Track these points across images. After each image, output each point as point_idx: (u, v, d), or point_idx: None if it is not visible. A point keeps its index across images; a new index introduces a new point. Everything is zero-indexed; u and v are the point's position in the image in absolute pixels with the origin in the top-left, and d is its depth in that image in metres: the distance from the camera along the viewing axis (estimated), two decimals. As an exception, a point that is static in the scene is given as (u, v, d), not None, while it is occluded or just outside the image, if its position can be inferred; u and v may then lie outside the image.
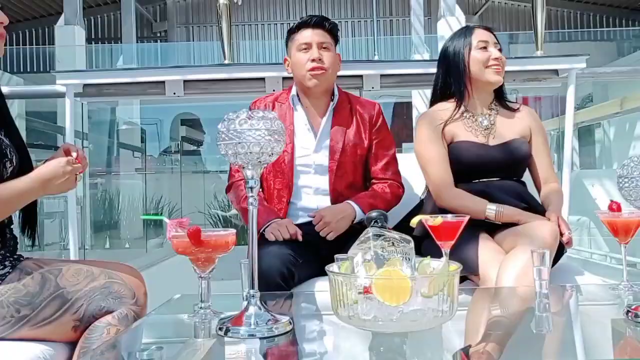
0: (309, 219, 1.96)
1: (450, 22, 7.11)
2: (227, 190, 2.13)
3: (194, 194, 7.91)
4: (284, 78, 2.54)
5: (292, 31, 2.07)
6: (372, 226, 1.16)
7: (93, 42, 11.17)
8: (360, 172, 2.06)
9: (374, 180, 2.07)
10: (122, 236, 7.10)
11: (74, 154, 1.37)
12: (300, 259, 1.81)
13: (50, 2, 11.07)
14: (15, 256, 1.36)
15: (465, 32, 2.02)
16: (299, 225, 1.93)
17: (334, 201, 1.99)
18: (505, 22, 12.86)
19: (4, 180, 1.31)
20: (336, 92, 2.09)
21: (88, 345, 1.26)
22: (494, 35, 2.01)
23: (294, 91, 2.08)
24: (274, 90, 2.57)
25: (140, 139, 8.64)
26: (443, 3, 7.35)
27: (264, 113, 1.08)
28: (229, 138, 1.06)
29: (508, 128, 2.00)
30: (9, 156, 1.34)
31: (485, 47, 1.97)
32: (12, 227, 1.40)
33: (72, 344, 1.30)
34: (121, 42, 10.14)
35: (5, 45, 1.41)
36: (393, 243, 1.11)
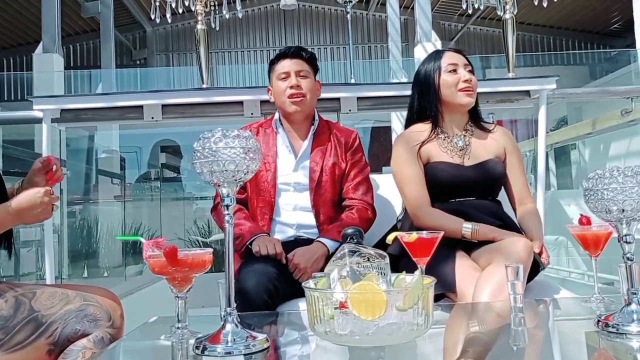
0: (289, 234, 2.06)
1: (427, 47, 7.26)
2: (213, 210, 2.20)
3: (173, 221, 7.86)
4: (262, 102, 2.57)
5: (272, 62, 2.19)
6: (347, 242, 1.18)
7: (70, 71, 11.14)
8: (338, 190, 2.15)
9: (345, 201, 2.14)
10: (101, 264, 6.99)
11: (55, 170, 1.38)
12: (283, 276, 1.86)
13: (29, 31, 11.05)
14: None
15: (435, 55, 2.07)
16: (283, 243, 1.98)
17: (317, 217, 2.08)
18: (480, 48, 13.15)
19: None
20: (317, 117, 2.20)
21: (63, 369, 1.24)
22: (465, 57, 2.06)
23: (277, 116, 2.20)
24: (252, 114, 2.59)
25: (119, 167, 8.59)
26: (419, 29, 7.51)
27: (239, 132, 1.10)
28: (204, 156, 1.08)
29: (483, 148, 2.04)
30: None
31: (454, 70, 2.01)
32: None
33: (47, 369, 1.28)
34: (100, 68, 10.13)
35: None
36: (368, 259, 1.12)
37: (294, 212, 2.09)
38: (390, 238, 1.39)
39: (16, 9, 10.18)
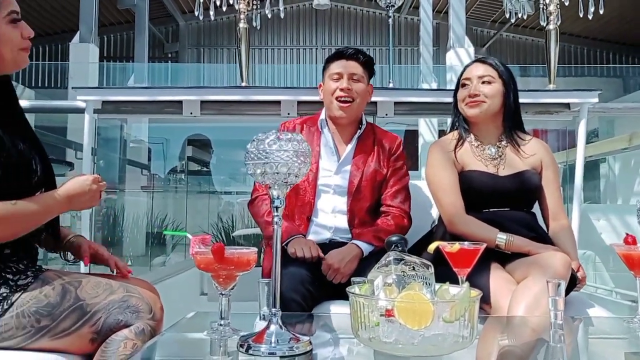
0: (325, 236, 2.05)
1: (460, 53, 7.21)
2: (250, 204, 2.18)
3: (198, 214, 7.93)
4: (299, 102, 2.58)
5: (328, 60, 2.16)
6: (392, 250, 1.18)
7: (105, 60, 11.32)
8: (377, 197, 2.13)
9: (382, 207, 2.13)
10: (125, 253, 7.09)
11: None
12: (317, 280, 1.87)
13: (65, 20, 11.25)
14: (37, 267, 1.38)
15: (465, 68, 2.09)
16: (318, 246, 1.99)
17: (351, 222, 2.07)
18: (513, 55, 13.01)
19: (30, 191, 1.34)
20: (364, 122, 2.19)
21: (105, 358, 1.27)
22: (492, 66, 2.04)
23: (323, 115, 2.18)
24: (288, 114, 2.61)
25: (147, 157, 8.70)
26: (452, 34, 7.46)
27: (292, 135, 1.11)
28: (257, 158, 1.09)
29: (518, 159, 2.03)
30: (34, 167, 1.36)
31: (467, 84, 2.04)
32: (33, 237, 1.42)
33: (89, 356, 1.30)
34: (133, 61, 10.28)
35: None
36: (414, 267, 1.12)
37: (332, 214, 2.08)
38: (431, 247, 1.39)
39: (54, -3, 10.38)
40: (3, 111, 1.40)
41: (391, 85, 2.77)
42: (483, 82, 2.00)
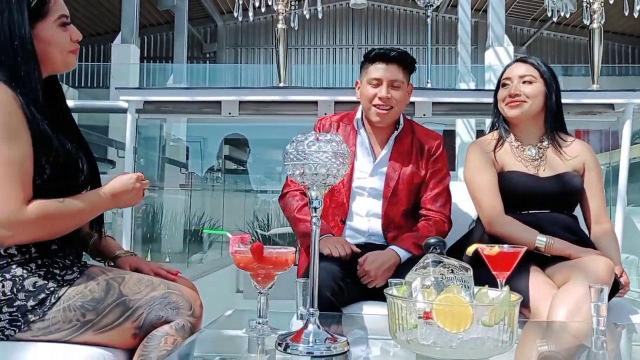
0: (360, 240, 2.01)
1: (499, 52, 7.10)
2: (281, 198, 2.15)
3: (234, 212, 8.02)
4: (336, 102, 2.59)
5: (367, 59, 2.05)
6: (430, 252, 1.18)
7: (145, 60, 11.56)
8: (414, 200, 2.07)
9: (422, 210, 2.07)
10: (163, 249, 7.22)
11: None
12: (349, 277, 1.84)
13: (107, 21, 11.53)
14: (82, 262, 1.42)
15: (506, 68, 2.06)
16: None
17: (385, 226, 2.02)
18: (554, 54, 12.73)
19: (77, 190, 1.38)
20: (401, 122, 2.11)
21: (146, 353, 1.30)
22: (533, 66, 2.00)
23: (359, 114, 2.12)
24: (325, 114, 2.61)
25: (185, 156, 8.85)
26: (491, 33, 7.35)
27: (331, 136, 1.11)
28: (296, 159, 1.10)
29: (560, 161, 1.99)
30: (81, 166, 1.41)
31: (507, 84, 2.00)
32: (79, 234, 1.46)
33: (131, 351, 1.34)
34: (172, 61, 10.47)
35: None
36: (452, 270, 1.12)
37: (366, 218, 2.04)
38: (470, 250, 1.38)
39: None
40: (51, 111, 1.45)
41: (429, 85, 2.75)
42: (524, 82, 1.97)
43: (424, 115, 2.60)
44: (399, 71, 2.01)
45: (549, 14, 2.64)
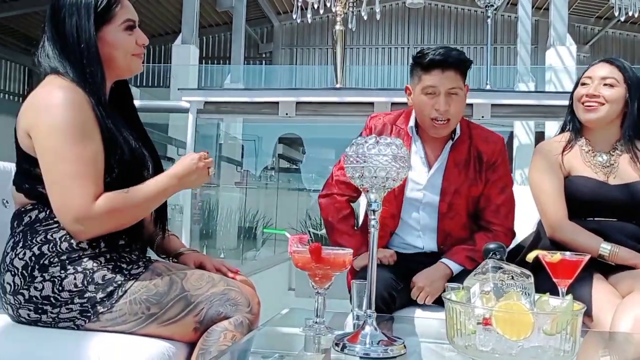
0: (413, 250, 1.96)
1: (560, 51, 6.89)
2: (321, 197, 2.05)
3: (287, 210, 8.11)
4: (393, 103, 2.58)
5: (419, 64, 1.87)
6: (490, 258, 1.16)
7: (204, 60, 11.85)
8: (473, 213, 1.96)
9: (482, 222, 1.97)
10: (218, 246, 7.39)
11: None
12: (401, 284, 1.81)
13: (168, 22, 11.87)
14: (147, 257, 1.48)
15: (589, 67, 1.97)
16: (403, 255, 1.94)
17: (442, 242, 1.93)
18: (619, 53, 12.22)
19: None
20: (457, 130, 1.94)
21: (206, 347, 1.34)
22: (619, 69, 1.91)
23: (413, 121, 1.96)
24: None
25: (240, 154, 9.01)
26: (553, 32, 7.13)
27: (392, 139, 1.12)
28: (356, 161, 1.11)
29: (632, 170, 1.90)
30: (147, 165, 1.46)
31: (587, 84, 1.89)
32: (144, 229, 1.52)
33: (191, 345, 1.38)
34: (230, 61, 10.68)
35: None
36: (512, 277, 1.10)
37: (422, 232, 1.95)
38: (530, 256, 1.35)
39: (158, 1, 10.97)
40: (120, 111, 1.51)
41: (488, 87, 2.70)
42: (605, 85, 1.87)
43: (482, 117, 2.56)
44: (457, 76, 1.84)
45: (616, 13, 2.55)
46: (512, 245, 2.02)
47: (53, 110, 1.32)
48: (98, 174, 1.33)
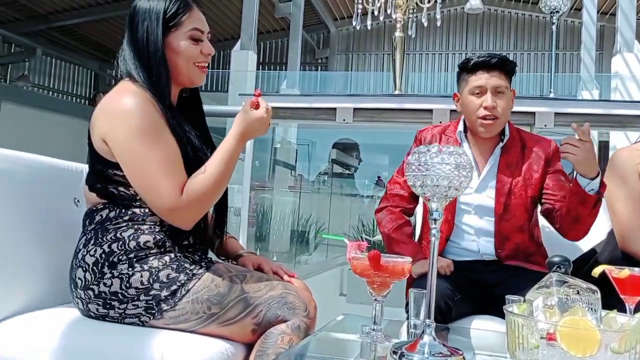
0: (470, 257, 1.94)
1: (628, 58, 6.61)
2: (377, 211, 2.10)
3: (340, 215, 8.12)
4: (452, 111, 2.55)
5: (465, 68, 1.96)
6: (554, 271, 1.14)
7: (261, 66, 12.05)
8: (529, 214, 1.95)
9: (550, 204, 1.92)
10: (271, 248, 7.47)
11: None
12: (459, 295, 1.79)
13: (227, 28, 12.13)
14: (208, 258, 1.52)
15: None
16: (460, 262, 1.92)
17: (498, 245, 1.92)
18: (691, 60, 11.61)
19: None
20: (507, 131, 1.99)
21: (264, 349, 1.36)
22: None
23: (460, 127, 2.03)
24: (440, 122, 2.59)
25: (294, 159, 9.09)
26: (620, 38, 6.85)
27: (454, 148, 1.11)
28: (418, 169, 1.11)
29: None
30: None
31: None
32: (207, 231, 1.56)
33: (249, 346, 1.41)
34: (286, 66, 10.80)
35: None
36: (578, 292, 1.07)
37: (477, 236, 1.94)
38: (596, 271, 1.31)
39: (218, 7, 11.22)
40: (189, 115, 1.57)
41: (552, 95, 2.63)
42: None
43: (545, 126, 2.50)
44: (502, 77, 1.91)
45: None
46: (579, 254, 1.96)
47: (126, 116, 1.38)
48: (179, 166, 1.40)
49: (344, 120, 2.66)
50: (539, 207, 1.99)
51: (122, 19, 11.06)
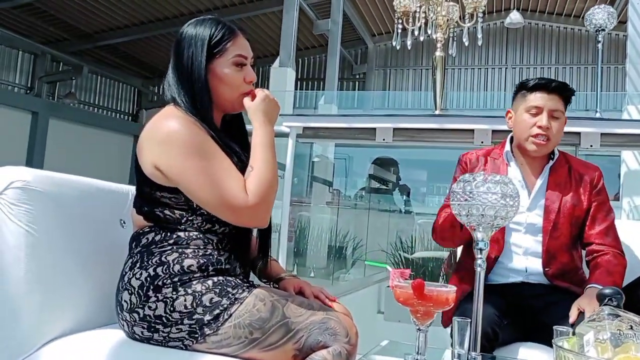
0: (518, 279, 1.91)
1: (677, 73, 6.40)
2: (433, 232, 2.03)
3: (378, 232, 8.06)
4: (494, 131, 2.52)
5: (524, 87, 1.98)
6: (606, 304, 1.10)
7: (299, 82, 12.17)
8: (575, 235, 1.95)
9: (592, 247, 1.92)
10: (308, 264, 7.47)
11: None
12: (505, 321, 1.77)
13: (266, 45, 12.30)
14: (250, 282, 1.53)
15: None
16: (507, 285, 1.89)
17: (546, 263, 1.90)
18: None
19: None
20: (556, 152, 2.01)
21: (305, 375, 1.35)
22: None
23: (507, 147, 2.04)
24: (482, 142, 2.56)
25: (332, 174, 9.10)
26: (668, 52, 6.65)
27: (500, 177, 1.10)
28: (464, 199, 1.09)
29: None
30: None
31: None
32: (249, 254, 1.57)
33: (290, 371, 1.40)
34: (324, 82, 10.88)
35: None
36: (632, 326, 1.03)
37: (524, 256, 1.92)
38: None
39: (258, 25, 11.41)
40: (233, 139, 1.59)
41: (598, 114, 2.56)
42: None
43: (591, 146, 2.44)
44: (560, 101, 1.94)
45: None
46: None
47: (175, 138, 1.40)
48: (235, 170, 1.41)
49: (383, 139, 2.65)
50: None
51: (165, 37, 11.42)
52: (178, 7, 10.46)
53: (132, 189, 1.75)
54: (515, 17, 9.40)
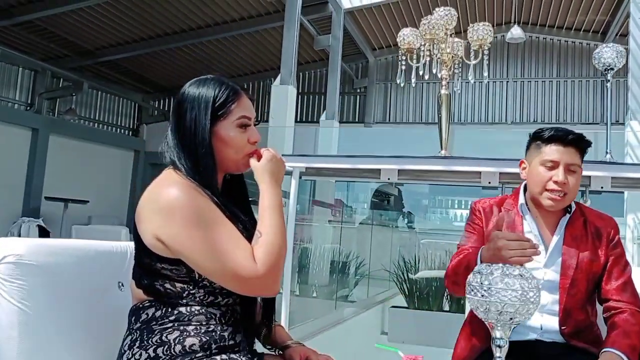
0: (533, 336, 1.85)
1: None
2: (446, 277, 1.92)
3: (380, 249, 7.99)
4: (501, 173, 2.47)
5: (540, 138, 1.89)
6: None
7: (300, 96, 12.14)
8: (592, 290, 1.88)
9: (609, 303, 1.84)
10: (310, 282, 7.39)
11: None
12: None
13: (267, 59, 12.28)
14: (254, 350, 1.46)
15: None
16: (519, 343, 1.80)
17: (563, 321, 1.83)
18: None
19: None
20: (572, 206, 1.93)
21: None
22: None
23: (522, 199, 1.95)
24: (489, 182, 2.50)
25: (333, 192, 9.05)
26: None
27: (520, 270, 1.04)
28: (480, 294, 1.04)
29: None
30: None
31: None
32: (253, 325, 1.51)
33: None
34: (325, 96, 10.85)
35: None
36: None
37: (539, 314, 1.84)
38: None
39: (258, 39, 11.39)
40: (233, 198, 1.53)
41: (608, 158, 2.50)
42: None
43: (602, 187, 2.38)
44: (576, 154, 1.86)
45: None
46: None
47: (175, 206, 1.33)
48: (241, 238, 1.35)
49: (388, 179, 2.60)
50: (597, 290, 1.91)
51: (166, 52, 11.40)
52: (179, 24, 10.45)
53: (130, 246, 1.69)
54: (516, 32, 9.38)
